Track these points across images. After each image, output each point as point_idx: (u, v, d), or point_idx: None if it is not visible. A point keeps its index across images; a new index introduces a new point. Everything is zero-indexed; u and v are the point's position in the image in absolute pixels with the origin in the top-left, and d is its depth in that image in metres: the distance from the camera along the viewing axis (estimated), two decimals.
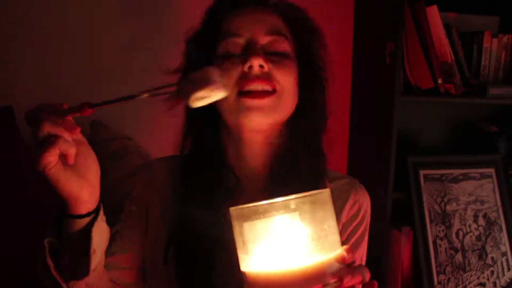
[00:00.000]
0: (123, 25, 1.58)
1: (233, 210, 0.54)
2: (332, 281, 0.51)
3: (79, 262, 0.64)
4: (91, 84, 1.57)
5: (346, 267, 0.52)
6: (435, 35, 1.54)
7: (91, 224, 0.63)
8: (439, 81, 1.53)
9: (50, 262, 0.63)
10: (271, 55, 0.75)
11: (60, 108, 0.60)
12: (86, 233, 0.62)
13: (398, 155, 1.52)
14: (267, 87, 0.73)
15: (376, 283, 0.56)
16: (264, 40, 0.75)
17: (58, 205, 0.64)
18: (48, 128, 0.56)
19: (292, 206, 0.52)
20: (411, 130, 1.80)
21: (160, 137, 0.83)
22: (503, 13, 1.82)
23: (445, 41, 1.55)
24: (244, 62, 0.73)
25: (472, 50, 1.65)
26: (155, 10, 1.61)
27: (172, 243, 0.78)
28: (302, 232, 0.52)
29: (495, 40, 1.66)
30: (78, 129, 0.60)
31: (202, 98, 0.60)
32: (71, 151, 0.58)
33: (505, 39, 1.67)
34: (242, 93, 0.73)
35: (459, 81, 1.58)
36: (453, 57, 1.57)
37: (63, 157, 0.58)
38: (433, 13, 1.53)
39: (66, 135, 0.57)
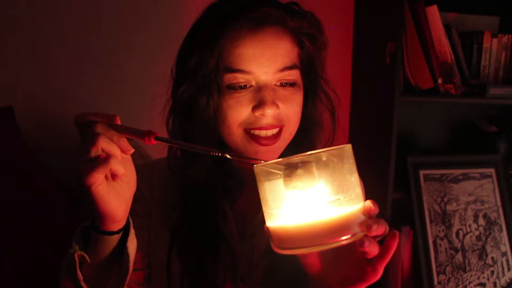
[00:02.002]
0: (124, 25, 1.58)
1: (256, 167, 0.55)
2: (360, 230, 0.52)
3: (108, 273, 0.64)
4: (91, 84, 1.57)
5: (370, 218, 0.53)
6: (435, 35, 1.54)
7: (123, 238, 0.64)
8: (439, 81, 1.53)
9: (80, 276, 0.63)
10: (281, 88, 0.73)
11: (116, 122, 0.57)
12: (118, 248, 0.63)
13: (398, 155, 1.52)
14: (276, 130, 0.73)
15: (398, 233, 0.57)
16: (276, 76, 0.72)
17: (82, 217, 0.64)
18: (103, 145, 0.54)
19: (324, 158, 0.53)
20: (411, 130, 1.80)
21: None
22: (503, 13, 1.82)
23: (445, 41, 1.55)
24: (255, 107, 0.70)
25: (472, 50, 1.65)
26: (157, 7, 1.61)
27: (176, 242, 0.78)
28: (330, 184, 0.53)
29: (495, 40, 1.66)
30: (132, 151, 0.58)
31: (296, 187, 0.59)
32: (121, 171, 0.57)
33: (505, 39, 1.67)
34: (249, 133, 0.72)
35: (459, 81, 1.58)
36: (453, 57, 1.57)
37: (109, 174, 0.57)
38: (433, 13, 1.53)
39: (119, 156, 0.56)
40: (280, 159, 0.54)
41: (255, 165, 0.55)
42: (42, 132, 1.52)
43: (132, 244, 0.65)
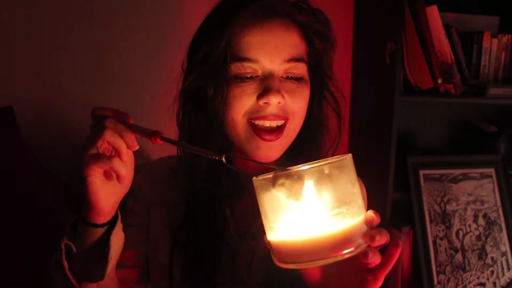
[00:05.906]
0: (124, 25, 1.58)
1: (255, 180, 0.54)
2: (363, 241, 0.52)
3: (93, 264, 0.65)
4: (91, 84, 1.57)
5: (372, 228, 0.53)
6: (435, 35, 1.54)
7: (108, 232, 0.64)
8: (439, 81, 1.53)
9: (65, 264, 0.64)
10: (287, 81, 0.72)
11: (128, 120, 0.59)
12: (104, 240, 0.63)
13: (398, 155, 1.52)
14: (280, 122, 0.72)
15: (400, 242, 0.56)
16: (282, 67, 0.71)
17: (73, 209, 0.64)
18: (109, 138, 0.56)
19: (326, 171, 0.51)
20: (411, 130, 1.80)
21: None
22: (503, 13, 1.82)
23: (445, 41, 1.55)
24: (260, 95, 0.70)
25: (472, 50, 1.65)
26: (156, 7, 1.61)
27: (177, 243, 0.78)
28: (332, 197, 0.51)
29: (495, 40, 1.66)
30: (137, 147, 0.59)
31: (284, 193, 0.54)
32: (122, 172, 0.58)
33: (505, 39, 1.67)
34: (253, 125, 0.72)
35: (459, 81, 1.58)
36: (453, 57, 1.57)
37: (106, 172, 0.58)
38: (433, 13, 1.53)
39: (125, 149, 0.57)
40: (278, 171, 0.53)
41: (254, 178, 0.54)
42: (42, 132, 1.52)
43: (116, 238, 0.65)
